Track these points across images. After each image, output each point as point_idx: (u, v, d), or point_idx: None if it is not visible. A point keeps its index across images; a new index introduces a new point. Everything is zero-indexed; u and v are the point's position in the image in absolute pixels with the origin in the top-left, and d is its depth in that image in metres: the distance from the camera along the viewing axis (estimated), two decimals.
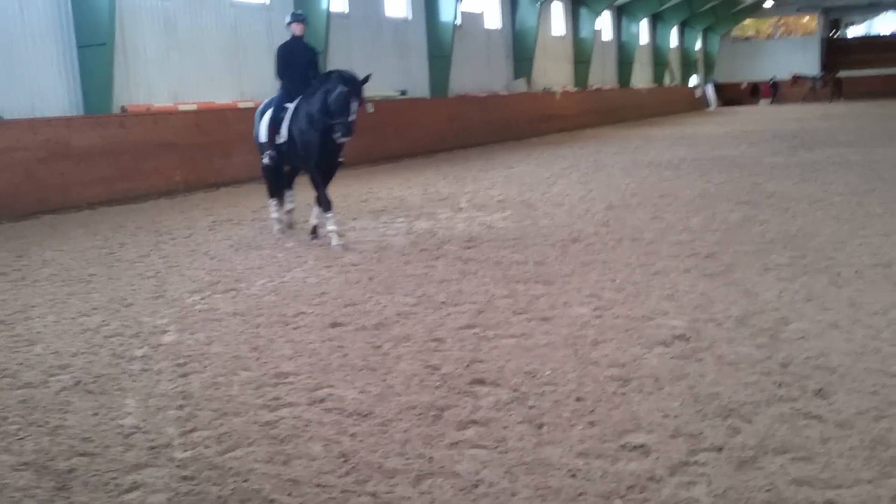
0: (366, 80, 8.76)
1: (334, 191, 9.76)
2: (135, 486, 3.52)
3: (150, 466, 3.71)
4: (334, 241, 8.81)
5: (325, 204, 8.96)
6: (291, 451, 3.82)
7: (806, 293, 6.10)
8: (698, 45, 51.87)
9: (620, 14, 40.84)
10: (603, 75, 38.96)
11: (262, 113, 9.72)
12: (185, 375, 4.93)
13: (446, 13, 24.60)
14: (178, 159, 15.30)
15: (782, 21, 56.80)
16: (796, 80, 49.24)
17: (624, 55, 41.44)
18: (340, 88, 8.50)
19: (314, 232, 9.40)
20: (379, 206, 12.05)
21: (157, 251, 9.18)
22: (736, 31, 56.57)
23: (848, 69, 52.16)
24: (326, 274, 7.59)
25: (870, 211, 9.57)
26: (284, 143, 9.18)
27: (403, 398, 4.40)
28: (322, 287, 7.05)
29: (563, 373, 4.67)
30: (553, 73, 33.22)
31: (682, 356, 4.85)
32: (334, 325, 5.87)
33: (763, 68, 53.23)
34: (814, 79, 49.17)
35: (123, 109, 15.21)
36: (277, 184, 10.01)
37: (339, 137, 8.56)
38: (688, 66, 50.27)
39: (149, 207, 13.19)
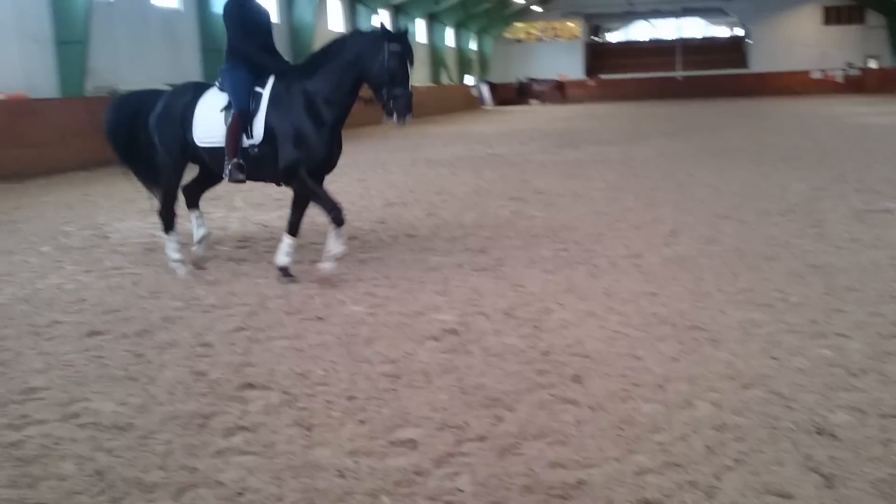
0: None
1: (104, 190, 9.12)
2: None
3: None
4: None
5: (295, 228, 6.79)
6: (39, 472, 3.53)
7: (567, 284, 6.46)
8: (474, 46, 53.70)
9: (397, 13, 41.42)
10: None
11: (194, 101, 6.77)
12: None
13: (219, 4, 23.76)
14: None
15: (550, 25, 60.00)
16: (532, 82, 52.54)
17: None
18: (394, 47, 6.26)
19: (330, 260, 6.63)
20: (147, 206, 11.42)
21: None
22: (508, 34, 59.11)
23: (609, 72, 56.17)
24: (86, 279, 7.10)
25: (625, 205, 10.30)
26: (257, 146, 6.54)
27: (167, 408, 4.20)
28: (80, 294, 6.59)
29: (335, 372, 4.65)
30: None
31: (452, 350, 4.98)
32: (93, 333, 5.50)
33: (534, 69, 55.98)
34: (544, 82, 52.53)
35: None
36: (173, 209, 7.16)
37: (401, 119, 6.32)
38: (464, 66, 51.88)
39: None
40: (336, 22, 34.40)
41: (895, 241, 7.55)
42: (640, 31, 61.70)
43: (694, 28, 59.81)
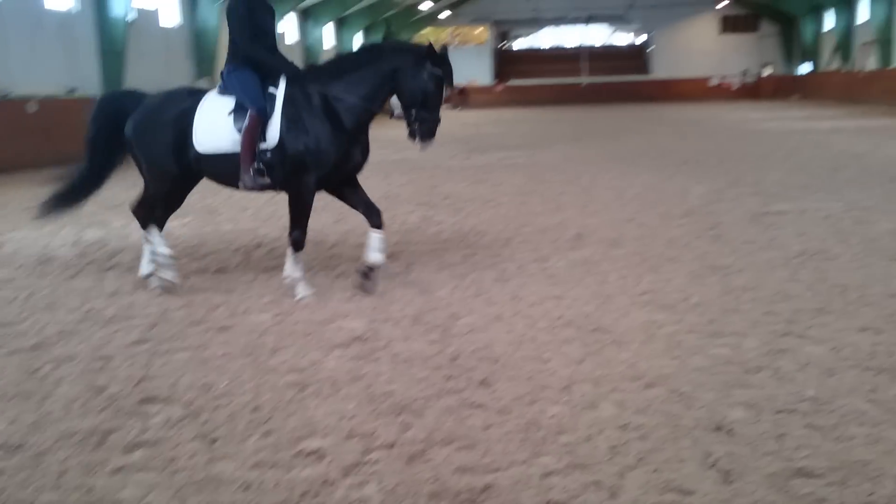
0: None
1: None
2: None
3: None
4: (300, 291, 6.34)
5: (297, 242, 6.38)
6: None
7: (475, 289, 6.50)
8: None
9: (305, 17, 41.06)
10: None
11: (192, 108, 6.36)
12: None
13: (118, 8, 23.16)
14: None
15: (458, 31, 60.37)
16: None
17: (309, 58, 41.68)
18: (436, 70, 6.14)
19: (366, 275, 6.43)
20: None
21: None
22: (417, 39, 59.22)
23: (517, 78, 56.94)
24: None
25: (532, 210, 10.44)
26: (270, 151, 6.20)
27: (62, 425, 4.04)
28: None
29: (240, 383, 4.56)
30: None
31: (360, 357, 4.95)
32: None
33: None
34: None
35: None
36: (160, 215, 6.83)
37: (424, 143, 6.31)
38: None
39: None
40: None
41: (788, 242, 7.86)
42: (547, 38, 62.69)
43: (599, 35, 61.14)
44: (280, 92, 6.27)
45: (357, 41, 48.45)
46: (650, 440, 3.72)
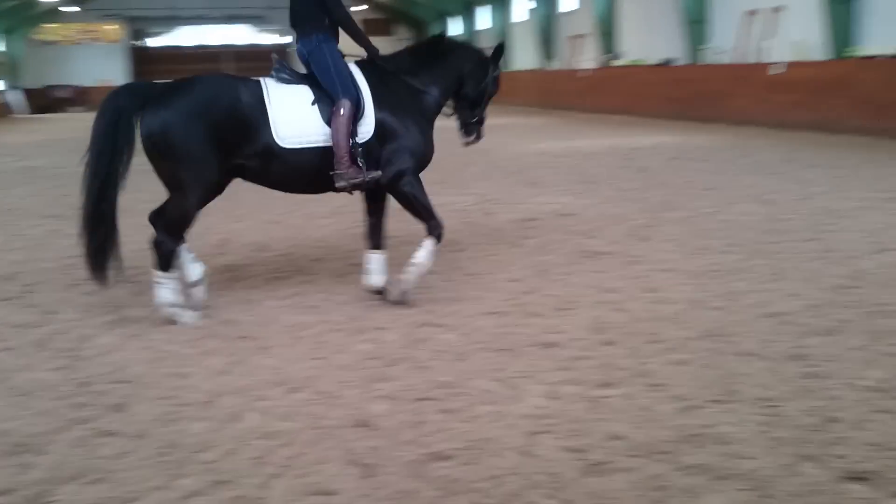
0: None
1: None
2: None
3: None
4: (406, 281, 5.85)
5: (438, 232, 5.90)
6: None
7: (111, 306, 6.05)
8: (2, 48, 48.30)
9: None
10: None
11: (258, 96, 5.56)
12: None
13: None
14: None
15: (87, 28, 56.20)
16: (52, 89, 49.75)
17: None
18: (497, 72, 6.32)
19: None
20: None
21: None
22: (41, 35, 54.15)
23: (157, 78, 54.22)
24: None
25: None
26: (361, 145, 5.66)
27: None
28: None
29: None
30: None
31: None
32: None
33: (73, 74, 52.14)
34: (64, 88, 50.23)
35: None
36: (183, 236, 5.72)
37: (477, 139, 6.40)
38: None
39: None
40: None
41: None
42: (188, 36, 60.60)
43: (244, 35, 60.33)
44: (361, 78, 5.77)
45: None
46: (295, 445, 3.70)
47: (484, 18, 45.84)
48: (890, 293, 5.79)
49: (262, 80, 5.76)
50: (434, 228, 5.87)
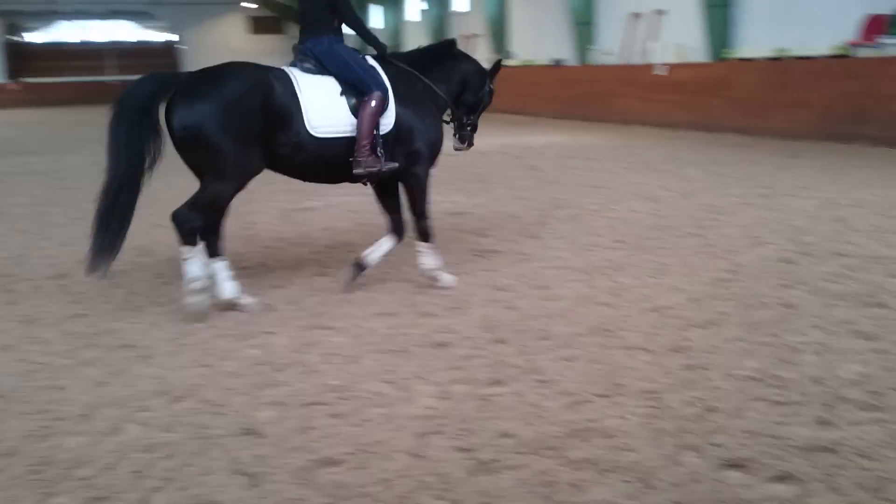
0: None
1: None
2: None
3: None
4: (446, 279, 6.21)
5: (426, 233, 6.19)
6: None
7: None
8: None
9: None
10: None
11: (288, 87, 5.60)
12: None
13: None
14: None
15: None
16: None
17: None
18: (492, 85, 6.63)
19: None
20: None
21: None
22: None
23: (34, 75, 51.95)
24: None
25: (52, 221, 9.57)
26: (381, 137, 5.83)
27: None
28: None
29: None
30: None
31: None
32: None
33: None
34: None
35: None
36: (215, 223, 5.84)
37: (469, 146, 6.69)
38: None
39: None
40: None
41: (317, 237, 8.24)
42: (69, 32, 58.16)
43: (128, 32, 58.27)
44: (382, 72, 5.92)
45: None
46: (177, 457, 3.57)
47: (377, 17, 45.73)
48: (765, 285, 6.05)
49: (286, 69, 5.81)
50: (425, 231, 6.17)
